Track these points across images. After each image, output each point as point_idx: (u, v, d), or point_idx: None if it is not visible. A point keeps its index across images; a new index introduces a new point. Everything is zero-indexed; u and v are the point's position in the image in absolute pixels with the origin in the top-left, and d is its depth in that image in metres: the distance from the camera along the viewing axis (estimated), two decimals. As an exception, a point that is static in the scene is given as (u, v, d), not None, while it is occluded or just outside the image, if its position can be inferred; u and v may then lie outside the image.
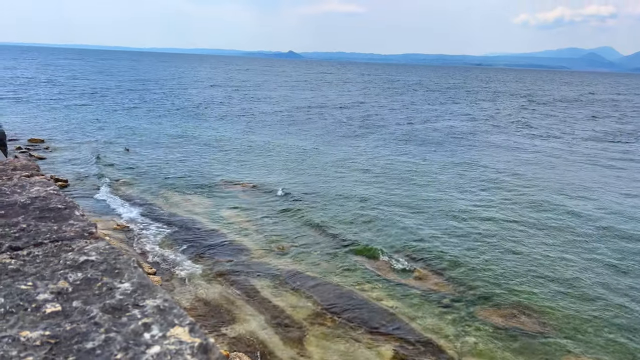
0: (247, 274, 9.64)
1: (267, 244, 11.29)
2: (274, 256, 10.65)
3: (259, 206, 14.11)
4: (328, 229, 12.27)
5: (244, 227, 12.50)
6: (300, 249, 10.97)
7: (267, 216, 13.32)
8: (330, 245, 11.21)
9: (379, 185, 16.68)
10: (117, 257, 1.51)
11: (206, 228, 12.22)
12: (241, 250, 10.98)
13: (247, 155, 20.80)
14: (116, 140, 22.59)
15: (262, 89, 62.16)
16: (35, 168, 2.51)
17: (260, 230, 12.20)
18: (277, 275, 9.57)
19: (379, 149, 23.33)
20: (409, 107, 45.40)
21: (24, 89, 44.73)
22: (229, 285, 9.09)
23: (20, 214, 1.78)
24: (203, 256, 10.47)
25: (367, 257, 10.42)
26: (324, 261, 10.30)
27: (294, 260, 10.34)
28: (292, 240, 11.63)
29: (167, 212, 13.25)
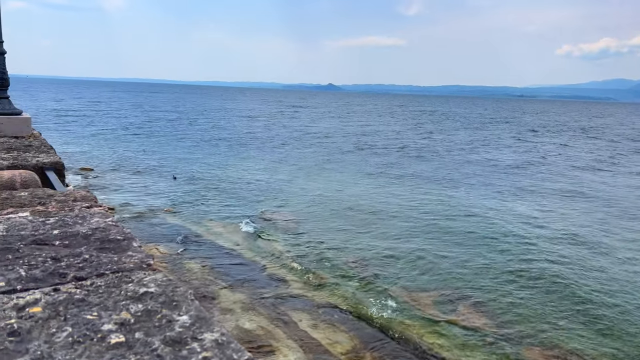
0: (285, 305, 9.61)
1: (305, 275, 11.26)
2: (312, 288, 10.60)
3: (297, 237, 14.14)
4: (366, 261, 12.15)
5: (282, 258, 12.54)
6: (338, 282, 10.87)
7: (306, 247, 13.32)
8: (368, 279, 11.06)
9: (418, 218, 16.45)
10: (175, 290, 1.55)
11: (245, 258, 12.33)
12: (279, 281, 10.99)
13: (286, 186, 21.01)
14: (162, 169, 23.32)
15: (300, 120, 63.11)
16: (94, 199, 2.63)
17: (298, 261, 12.20)
18: (314, 308, 9.49)
19: (418, 180, 23.11)
20: (449, 139, 44.98)
21: (75, 120, 47.06)
22: (267, 316, 9.07)
23: (82, 244, 1.85)
24: (242, 286, 10.53)
25: (407, 292, 10.22)
26: (362, 295, 10.16)
27: (331, 293, 10.25)
28: (330, 272, 11.55)
29: (208, 241, 13.47)
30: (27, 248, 1.77)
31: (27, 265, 1.63)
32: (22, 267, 1.62)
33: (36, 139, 4.62)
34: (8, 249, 1.74)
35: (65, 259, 1.70)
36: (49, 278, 1.56)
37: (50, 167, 3.57)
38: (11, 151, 3.94)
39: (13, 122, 4.62)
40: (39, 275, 1.56)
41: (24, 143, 4.36)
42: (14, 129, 4.64)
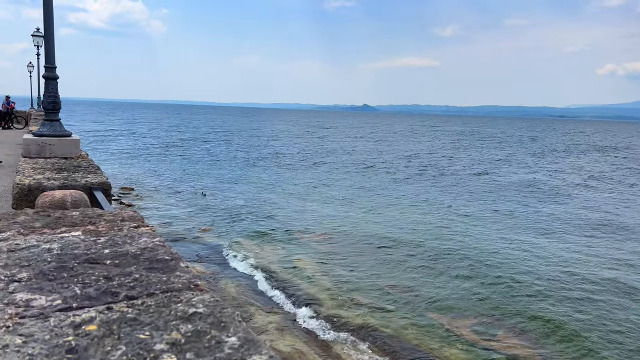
0: (321, 326, 9.53)
1: (341, 296, 11.16)
2: (348, 309, 10.48)
3: (334, 257, 14.08)
4: (405, 283, 11.96)
5: (318, 278, 12.48)
6: (375, 303, 10.72)
7: (342, 268, 13.23)
8: (406, 301, 10.87)
9: (459, 236, 16.14)
10: (223, 311, 1.56)
11: (281, 277, 12.33)
12: (315, 301, 10.92)
13: (321, 205, 21.03)
14: (198, 188, 23.79)
15: (331, 141, 63.37)
16: (141, 220, 2.70)
17: (334, 281, 12.12)
18: (351, 330, 9.37)
19: (459, 200, 22.73)
20: (475, 159, 44.21)
21: (114, 141, 48.71)
22: (303, 338, 9.01)
23: (132, 264, 1.90)
24: (277, 306, 10.52)
25: (446, 316, 9.98)
26: (400, 318, 9.98)
27: (368, 315, 10.11)
28: (367, 293, 11.41)
29: (243, 260, 13.56)
30: (81, 267, 1.83)
31: (81, 284, 1.68)
32: (77, 285, 1.67)
33: (84, 160, 4.81)
34: (63, 268, 1.80)
35: (117, 279, 1.74)
36: (103, 297, 1.60)
37: (98, 187, 3.69)
38: (62, 172, 4.11)
39: (63, 143, 4.83)
40: (93, 294, 1.61)
41: (73, 164, 4.54)
42: (64, 150, 4.84)
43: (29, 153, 4.76)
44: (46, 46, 4.94)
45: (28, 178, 3.74)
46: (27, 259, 1.88)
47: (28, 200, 3.56)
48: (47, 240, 2.13)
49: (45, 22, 4.85)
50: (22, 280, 1.66)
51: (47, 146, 4.76)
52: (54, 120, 4.96)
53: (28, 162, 4.52)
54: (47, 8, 4.83)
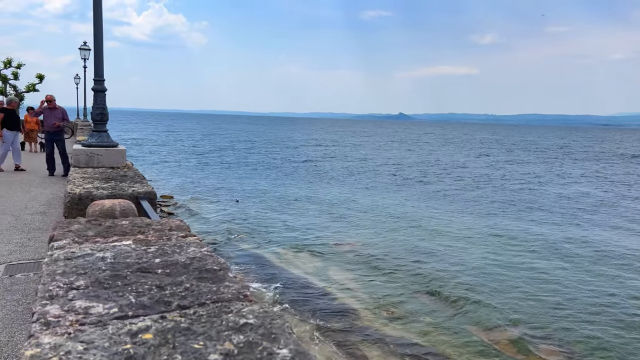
0: (355, 337, 9.46)
1: (376, 307, 11.06)
2: (383, 320, 10.37)
3: (368, 267, 13.98)
4: (441, 294, 11.75)
5: (352, 288, 12.41)
6: (410, 315, 10.58)
7: (376, 278, 13.12)
8: (443, 313, 10.68)
9: (501, 250, 15.77)
10: (272, 322, 1.58)
11: (315, 287, 12.33)
12: (349, 312, 10.86)
13: (356, 215, 20.96)
14: (234, 195, 24.15)
15: (365, 149, 63.18)
16: (187, 229, 2.76)
17: (368, 292, 12.03)
18: (386, 342, 9.26)
19: (499, 213, 22.25)
20: (512, 168, 43.13)
21: (153, 149, 50.01)
22: (337, 350, 8.96)
23: (182, 273, 1.95)
24: (311, 315, 10.51)
25: (484, 329, 9.74)
26: (435, 330, 9.80)
27: (403, 327, 9.98)
28: (402, 304, 11.27)
29: (279, 268, 13.63)
30: (133, 275, 1.89)
31: (135, 292, 1.73)
32: (130, 293, 1.72)
33: (130, 169, 4.96)
34: (117, 276, 1.86)
35: (168, 288, 1.79)
36: (156, 305, 1.64)
37: (144, 196, 3.80)
38: (109, 181, 4.25)
39: (110, 153, 4.99)
40: (147, 303, 1.66)
41: (119, 173, 4.69)
42: (111, 159, 5.01)
43: (78, 162, 4.94)
44: (95, 60, 5.14)
45: (78, 187, 3.88)
46: (82, 266, 1.94)
47: (78, 209, 3.70)
48: (100, 249, 2.20)
49: (95, 38, 5.05)
50: (79, 288, 1.73)
51: (94, 156, 4.94)
52: (102, 130, 5.15)
53: (77, 171, 4.69)
54: (97, 25, 5.03)
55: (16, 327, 3.98)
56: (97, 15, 5.01)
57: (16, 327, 3.97)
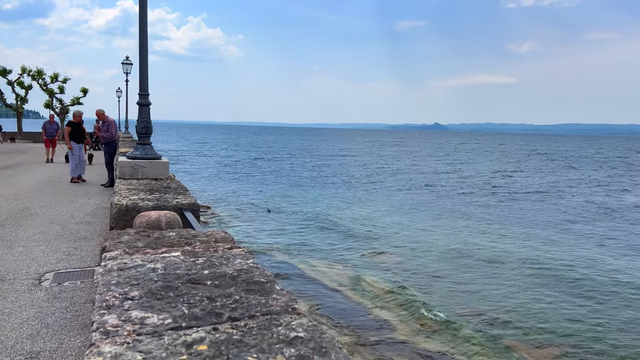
0: (391, 351, 9.33)
1: (412, 320, 10.89)
2: (418, 334, 10.20)
3: (403, 279, 13.82)
4: (476, 309, 11.48)
5: (387, 300, 12.27)
6: (448, 329, 10.37)
7: (415, 290, 12.95)
8: (479, 327, 10.42)
9: (541, 259, 15.33)
10: (322, 335, 1.58)
11: (349, 299, 12.25)
12: (384, 324, 10.73)
13: (389, 225, 20.79)
14: (265, 205, 24.37)
15: (398, 159, 62.70)
16: (232, 240, 2.81)
17: (404, 305, 11.87)
18: (423, 356, 9.10)
19: (536, 221, 21.64)
20: (546, 179, 41.86)
21: (192, 160, 51.05)
22: (374, 362, 8.86)
23: (231, 285, 1.98)
24: (347, 328, 10.43)
25: (521, 343, 9.45)
26: (475, 345, 9.57)
27: (440, 341, 9.79)
28: (439, 318, 11.07)
29: (313, 280, 13.63)
30: (184, 286, 1.93)
31: (187, 304, 1.77)
32: (183, 305, 1.76)
33: (172, 181, 5.09)
34: (169, 287, 1.91)
35: (218, 299, 1.82)
36: (208, 317, 1.68)
37: (188, 208, 3.89)
38: (154, 192, 4.37)
39: (154, 165, 5.14)
40: (199, 314, 1.69)
41: (163, 185, 4.81)
42: (155, 171, 5.15)
43: (123, 174, 5.10)
44: (140, 76, 5.32)
45: (124, 198, 4.00)
46: (135, 277, 2.00)
47: (125, 219, 3.81)
48: (150, 260, 2.27)
49: (140, 55, 5.24)
50: (134, 298, 1.78)
51: (139, 168, 5.09)
52: (146, 143, 5.30)
53: (123, 182, 4.84)
54: (142, 43, 5.22)
55: (65, 333, 4.12)
56: (142, 34, 5.20)
57: (65, 334, 4.11)
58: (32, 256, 6.04)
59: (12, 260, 5.85)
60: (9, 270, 5.47)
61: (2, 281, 5.09)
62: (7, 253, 6.15)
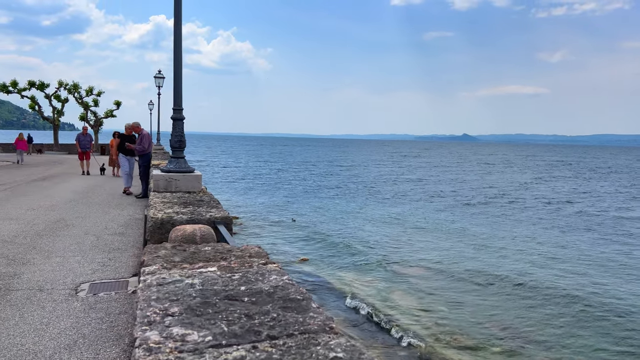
0: (422, 366, 9.18)
1: (444, 335, 10.70)
2: (452, 349, 10.01)
3: (434, 292, 13.61)
4: (507, 327, 11.20)
5: (419, 314, 12.10)
6: (482, 344, 10.14)
7: (443, 304, 12.74)
8: (511, 346, 10.16)
9: (571, 275, 14.89)
10: (361, 356, 1.57)
11: (379, 312, 12.12)
12: (413, 339, 10.57)
13: (417, 238, 20.55)
14: (290, 215, 24.44)
15: (423, 170, 62.08)
16: (266, 256, 2.82)
17: (435, 319, 11.67)
18: (454, 373, 8.92)
19: (565, 236, 21.06)
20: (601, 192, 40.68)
21: (220, 171, 51.71)
22: (404, 377, 8.73)
23: (267, 302, 1.99)
24: (375, 341, 10.32)
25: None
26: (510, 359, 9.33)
27: (474, 357, 9.58)
28: (472, 333, 10.85)
29: (341, 292, 13.56)
30: (222, 303, 1.95)
31: (226, 321, 1.78)
32: (222, 321, 1.78)
33: (205, 194, 5.16)
34: (207, 303, 1.93)
35: (256, 317, 1.83)
36: (247, 335, 1.69)
37: (221, 221, 3.93)
38: (187, 205, 4.44)
39: (187, 178, 5.23)
40: (238, 332, 1.70)
41: (196, 198, 4.89)
42: (188, 184, 5.24)
43: (157, 187, 5.21)
44: (174, 91, 5.44)
45: (160, 212, 4.08)
46: (174, 293, 2.03)
47: (160, 232, 3.88)
48: (188, 275, 2.30)
49: (175, 71, 5.36)
50: (174, 315, 1.80)
51: (173, 181, 5.18)
52: (179, 157, 5.40)
53: (157, 196, 4.94)
54: (177, 60, 5.35)
55: (101, 344, 4.20)
56: (177, 52, 5.33)
57: (101, 345, 4.19)
58: (69, 266, 6.20)
59: (49, 270, 6.02)
60: (47, 280, 5.63)
61: (40, 291, 5.24)
62: (45, 263, 6.34)
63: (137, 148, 12.70)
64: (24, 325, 4.31)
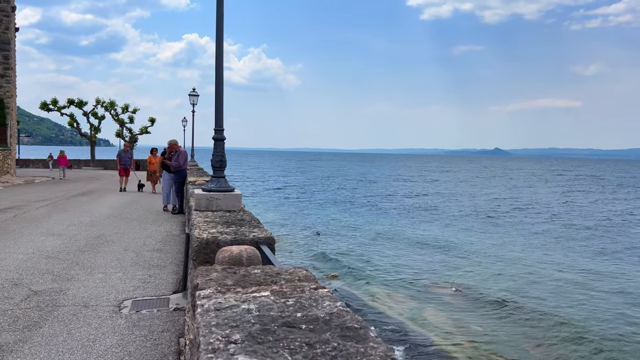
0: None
1: (476, 354, 10.47)
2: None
3: (467, 312, 13.35)
4: (545, 343, 10.88)
5: (452, 332, 11.90)
6: (518, 368, 9.87)
7: (475, 323, 12.49)
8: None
9: (602, 294, 14.38)
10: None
11: (412, 332, 11.96)
12: (448, 358, 10.37)
13: (451, 255, 20.23)
14: (316, 229, 24.44)
15: (450, 185, 61.20)
16: (315, 280, 2.83)
17: (469, 339, 11.44)
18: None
19: (597, 255, 20.38)
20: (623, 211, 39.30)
21: (252, 186, 52.26)
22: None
23: (325, 330, 1.99)
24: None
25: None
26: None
27: (511, 380, 9.32)
28: (506, 355, 10.57)
29: (373, 309, 13.44)
30: (280, 330, 1.96)
31: (288, 349, 1.79)
32: (284, 350, 1.78)
33: (245, 213, 5.23)
34: (267, 330, 1.94)
35: (317, 346, 1.83)
36: (311, 365, 1.69)
37: (264, 241, 3.97)
38: (230, 225, 4.50)
39: (228, 198, 5.31)
40: (302, 362, 1.70)
41: (237, 217, 4.95)
42: (228, 203, 5.33)
43: (199, 206, 5.30)
44: (216, 112, 5.57)
45: (204, 232, 4.14)
46: (233, 318, 2.05)
47: (205, 253, 3.94)
48: (242, 300, 2.32)
49: (216, 92, 5.49)
50: (237, 342, 1.82)
51: (214, 200, 5.28)
52: (220, 176, 5.51)
53: (200, 215, 5.03)
54: (218, 81, 5.48)
55: (145, 362, 4.27)
56: (218, 75, 5.47)
57: (145, 363, 4.25)
58: (111, 283, 6.35)
59: (93, 286, 6.17)
60: (91, 296, 5.77)
61: (85, 307, 5.37)
62: (88, 279, 6.50)
63: (173, 164, 12.97)
64: (72, 342, 4.42)
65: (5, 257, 7.59)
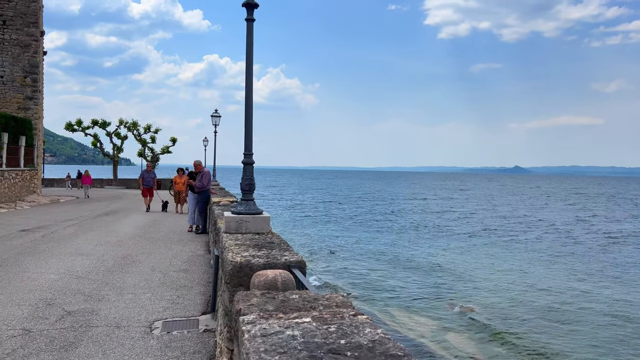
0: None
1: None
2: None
3: (486, 331, 13.20)
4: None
5: (473, 354, 11.76)
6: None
7: (497, 344, 12.32)
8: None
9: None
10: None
11: (434, 354, 11.83)
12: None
13: (468, 276, 20.00)
14: (332, 249, 24.41)
15: (476, 205, 60.58)
16: (352, 306, 2.89)
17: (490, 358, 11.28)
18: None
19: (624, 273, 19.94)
20: None
21: (268, 205, 52.51)
22: None
23: (370, 357, 2.05)
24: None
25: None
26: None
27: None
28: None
29: (393, 330, 13.34)
30: (327, 357, 2.03)
31: (338, 378, 1.85)
32: (335, 378, 1.85)
33: (274, 235, 5.32)
34: (314, 357, 2.01)
35: (365, 373, 1.89)
36: (360, 393, 1.75)
37: (295, 265, 4.05)
38: (261, 248, 4.59)
39: (257, 220, 5.42)
40: (353, 390, 1.77)
41: (267, 240, 5.05)
42: (257, 226, 5.43)
43: (229, 229, 5.42)
44: (245, 136, 5.72)
45: (237, 255, 4.24)
46: (279, 345, 2.13)
47: (238, 276, 4.03)
48: (286, 326, 2.40)
49: (245, 117, 5.65)
50: (287, 369, 1.89)
51: (243, 222, 5.39)
52: (249, 199, 5.63)
53: (230, 237, 5.13)
54: (248, 105, 5.64)
55: (178, 383, 4.35)
56: (248, 99, 5.63)
57: (178, 384, 4.33)
58: (141, 303, 6.47)
59: (124, 307, 6.30)
60: (122, 317, 5.89)
61: (118, 328, 5.49)
62: (118, 300, 6.64)
63: (197, 185, 13.19)
64: (108, 363, 4.53)
65: (38, 277, 7.79)
